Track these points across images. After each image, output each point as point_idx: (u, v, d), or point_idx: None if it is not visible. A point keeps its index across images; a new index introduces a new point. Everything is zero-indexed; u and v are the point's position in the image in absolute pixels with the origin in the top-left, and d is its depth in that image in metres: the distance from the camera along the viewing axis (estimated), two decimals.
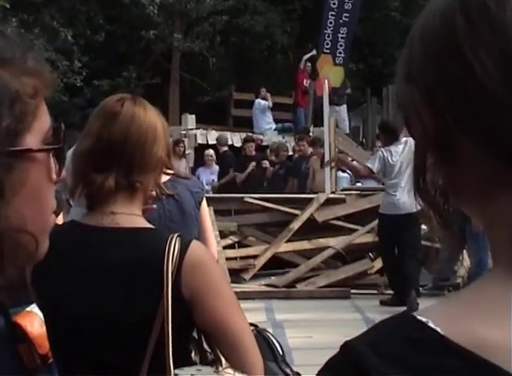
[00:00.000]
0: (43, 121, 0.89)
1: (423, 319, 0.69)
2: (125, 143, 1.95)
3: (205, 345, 1.93)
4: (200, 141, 15.70)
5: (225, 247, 10.46)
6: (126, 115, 1.98)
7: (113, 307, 1.87)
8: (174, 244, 1.88)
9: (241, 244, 11.11)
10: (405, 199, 8.64)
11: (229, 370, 1.85)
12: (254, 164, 13.83)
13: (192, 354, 2.00)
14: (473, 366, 0.66)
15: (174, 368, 1.80)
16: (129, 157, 1.95)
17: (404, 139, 8.84)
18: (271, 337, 2.55)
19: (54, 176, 0.91)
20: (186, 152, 14.25)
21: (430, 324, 0.68)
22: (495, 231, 0.74)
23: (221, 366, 1.86)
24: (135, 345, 1.85)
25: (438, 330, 0.68)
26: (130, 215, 1.96)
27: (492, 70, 0.70)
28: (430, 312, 0.70)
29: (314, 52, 17.19)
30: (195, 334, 1.96)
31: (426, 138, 0.74)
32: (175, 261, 1.86)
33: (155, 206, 2.34)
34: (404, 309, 7.72)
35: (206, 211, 3.69)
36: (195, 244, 1.93)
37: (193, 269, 1.88)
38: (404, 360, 0.67)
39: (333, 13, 16.17)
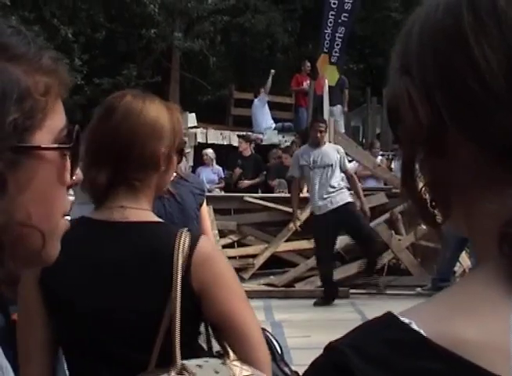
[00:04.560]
0: (56, 120, 0.88)
1: (407, 321, 0.68)
2: (116, 140, 1.93)
3: (213, 339, 1.95)
4: (199, 140, 15.69)
5: (224, 246, 10.46)
6: (120, 111, 1.96)
7: (124, 300, 1.89)
8: (184, 238, 1.89)
9: (240, 243, 11.11)
10: None
11: (237, 363, 1.86)
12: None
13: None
14: (456, 369, 0.65)
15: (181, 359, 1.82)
16: (120, 153, 1.93)
17: None
18: (270, 336, 2.56)
19: (67, 178, 0.89)
20: (186, 151, 14.24)
21: (414, 326, 0.67)
22: (479, 229, 0.73)
23: (229, 358, 1.87)
24: (145, 338, 1.86)
25: (421, 331, 0.67)
26: (139, 210, 1.96)
27: (495, 66, 0.69)
28: (414, 313, 0.69)
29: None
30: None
31: (417, 132, 0.73)
32: (185, 254, 1.88)
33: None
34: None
35: (206, 213, 3.72)
36: (204, 239, 1.95)
37: (203, 263, 1.89)
38: (387, 362, 0.66)
39: (333, 13, 16.16)
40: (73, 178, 0.91)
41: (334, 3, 16.14)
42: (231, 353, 1.88)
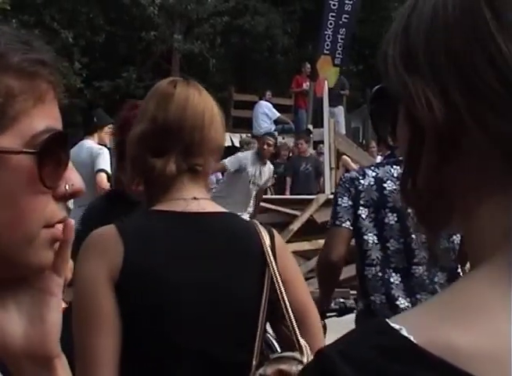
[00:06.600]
0: (31, 125, 0.82)
1: (397, 327, 0.66)
2: (182, 126, 1.87)
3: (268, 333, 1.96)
4: None
5: None
6: (180, 97, 1.91)
7: (221, 294, 1.81)
8: (263, 230, 1.91)
9: None
10: None
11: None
12: None
13: None
14: None
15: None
16: (187, 139, 1.87)
17: None
18: (270, 337, 2.57)
19: (43, 185, 0.83)
20: None
21: (403, 332, 0.65)
22: (481, 233, 0.72)
23: (308, 352, 1.89)
24: (244, 334, 1.82)
25: (411, 338, 0.65)
26: (208, 200, 1.92)
27: None
28: (406, 319, 0.67)
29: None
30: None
31: (432, 134, 0.71)
32: (270, 246, 1.89)
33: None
34: None
35: None
36: (275, 231, 1.96)
37: (283, 254, 1.92)
38: (375, 369, 0.64)
39: (333, 14, 16.19)
40: (66, 188, 0.86)
41: (334, 4, 16.17)
42: (308, 347, 1.88)
